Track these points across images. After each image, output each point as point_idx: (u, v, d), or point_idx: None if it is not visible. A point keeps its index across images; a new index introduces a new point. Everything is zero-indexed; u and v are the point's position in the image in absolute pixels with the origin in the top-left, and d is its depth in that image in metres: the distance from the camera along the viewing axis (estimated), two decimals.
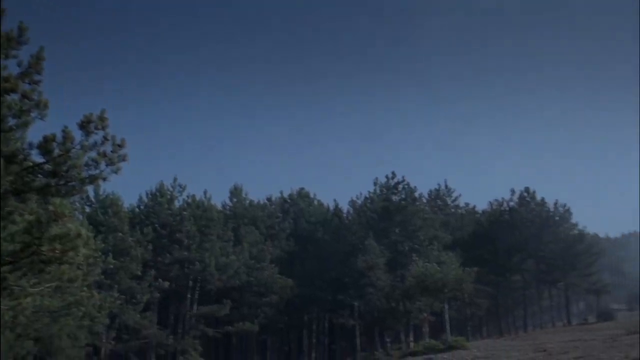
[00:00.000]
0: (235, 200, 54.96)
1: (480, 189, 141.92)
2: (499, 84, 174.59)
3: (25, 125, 11.42)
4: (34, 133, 11.52)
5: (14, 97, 11.19)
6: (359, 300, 47.66)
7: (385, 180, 52.10)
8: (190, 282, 44.54)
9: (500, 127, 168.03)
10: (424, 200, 56.40)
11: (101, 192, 41.75)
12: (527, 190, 59.59)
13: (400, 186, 51.47)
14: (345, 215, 56.35)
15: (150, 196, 46.51)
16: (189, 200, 46.99)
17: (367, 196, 53.79)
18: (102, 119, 11.21)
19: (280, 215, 55.13)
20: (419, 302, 41.93)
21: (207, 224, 45.71)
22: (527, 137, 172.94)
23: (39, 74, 11.33)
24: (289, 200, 58.55)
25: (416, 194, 52.22)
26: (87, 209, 41.04)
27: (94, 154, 11.38)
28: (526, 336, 45.11)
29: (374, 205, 52.08)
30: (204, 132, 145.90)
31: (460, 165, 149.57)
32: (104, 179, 11.67)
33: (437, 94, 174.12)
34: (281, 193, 59.55)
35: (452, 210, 62.21)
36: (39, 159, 11.33)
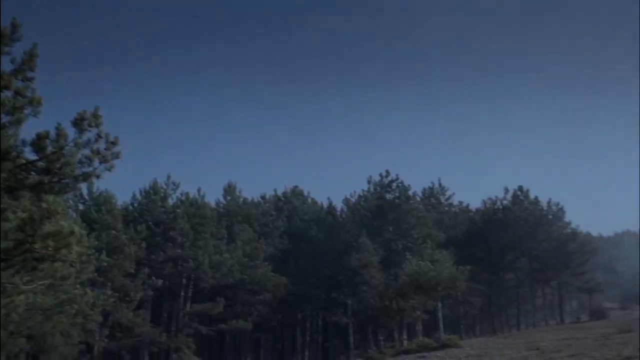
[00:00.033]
0: (229, 198, 54.91)
1: (474, 187, 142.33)
2: (495, 84, 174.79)
3: (18, 123, 11.39)
4: (28, 130, 11.51)
5: (7, 94, 11.16)
6: (353, 298, 47.67)
7: (379, 178, 52.09)
8: (184, 280, 44.50)
9: (494, 126, 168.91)
10: (418, 199, 56.46)
11: (95, 190, 41.68)
12: (520, 189, 59.88)
13: (394, 184, 51.46)
14: (339, 213, 56.45)
15: (143, 194, 46.39)
16: (183, 198, 46.90)
17: (361, 194, 53.86)
18: (95, 116, 11.20)
19: (274, 213, 55.10)
20: (413, 300, 41.97)
21: (201, 221, 45.63)
22: (521, 136, 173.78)
23: (32, 71, 11.29)
24: (282, 198, 58.50)
25: (410, 193, 52.27)
26: (81, 207, 40.88)
27: (87, 151, 11.38)
28: (519, 334, 45.26)
29: (368, 204, 52.12)
30: (197, 131, 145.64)
31: (454, 163, 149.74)
32: (98, 177, 11.69)
33: (432, 93, 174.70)
34: (275, 191, 59.66)
35: (446, 208, 62.31)
36: (32, 156, 11.31)
